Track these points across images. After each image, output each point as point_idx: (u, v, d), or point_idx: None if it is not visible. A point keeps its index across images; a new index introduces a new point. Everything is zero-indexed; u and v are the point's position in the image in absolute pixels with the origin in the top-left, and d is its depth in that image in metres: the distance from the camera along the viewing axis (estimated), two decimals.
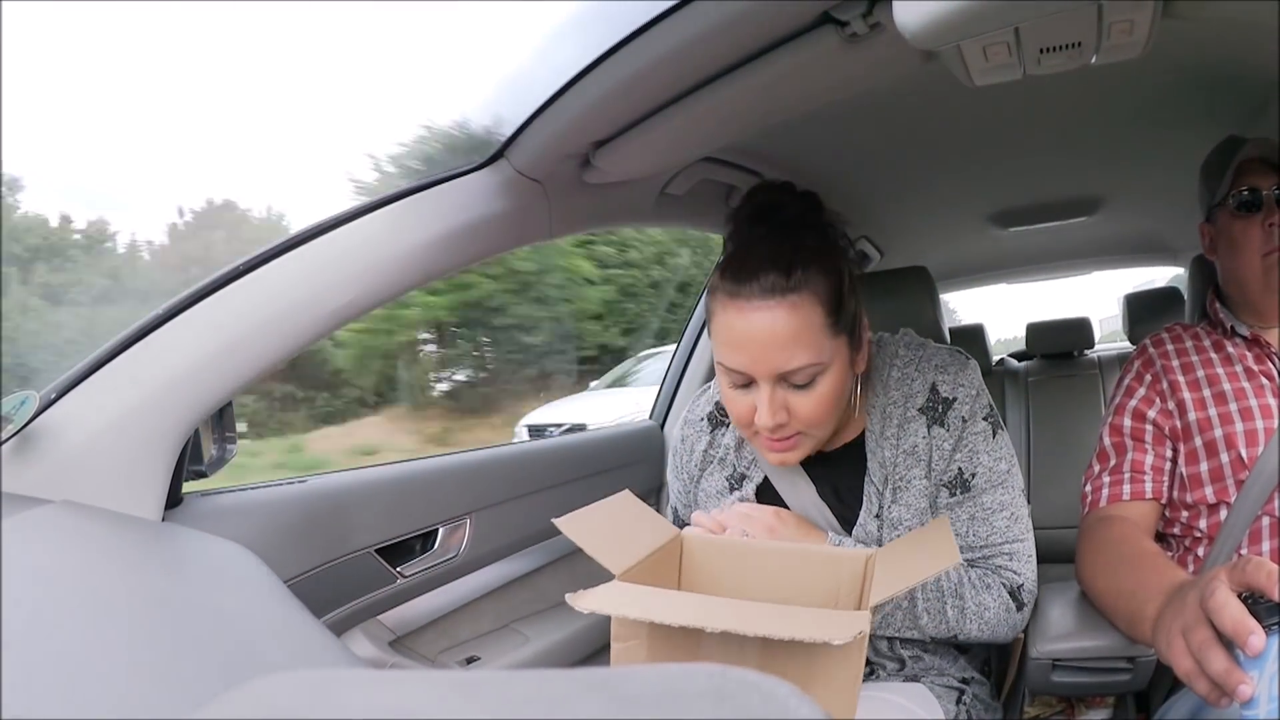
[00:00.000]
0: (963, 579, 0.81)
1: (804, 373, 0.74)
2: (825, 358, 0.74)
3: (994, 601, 0.81)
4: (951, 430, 0.82)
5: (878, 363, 0.87)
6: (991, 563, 0.82)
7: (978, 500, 0.82)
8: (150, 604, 0.45)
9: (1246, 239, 0.90)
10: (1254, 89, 1.00)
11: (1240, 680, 0.53)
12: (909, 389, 0.84)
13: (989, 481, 0.82)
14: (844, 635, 0.46)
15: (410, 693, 0.17)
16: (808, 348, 0.73)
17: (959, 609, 0.80)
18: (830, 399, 0.76)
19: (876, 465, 0.83)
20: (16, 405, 0.68)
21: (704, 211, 1.23)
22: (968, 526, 0.82)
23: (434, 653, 1.06)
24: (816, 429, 0.78)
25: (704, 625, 0.48)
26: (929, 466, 0.82)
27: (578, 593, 0.53)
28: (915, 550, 0.65)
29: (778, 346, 0.72)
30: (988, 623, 0.81)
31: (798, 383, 0.75)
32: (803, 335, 0.73)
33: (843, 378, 0.77)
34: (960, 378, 0.84)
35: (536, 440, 1.31)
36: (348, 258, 0.77)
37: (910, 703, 0.80)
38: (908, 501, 0.82)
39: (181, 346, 0.72)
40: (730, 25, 0.62)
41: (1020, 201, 1.56)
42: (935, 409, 0.82)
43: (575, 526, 0.67)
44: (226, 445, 0.84)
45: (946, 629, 0.81)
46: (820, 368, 0.74)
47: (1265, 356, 0.91)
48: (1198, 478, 0.89)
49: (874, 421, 0.84)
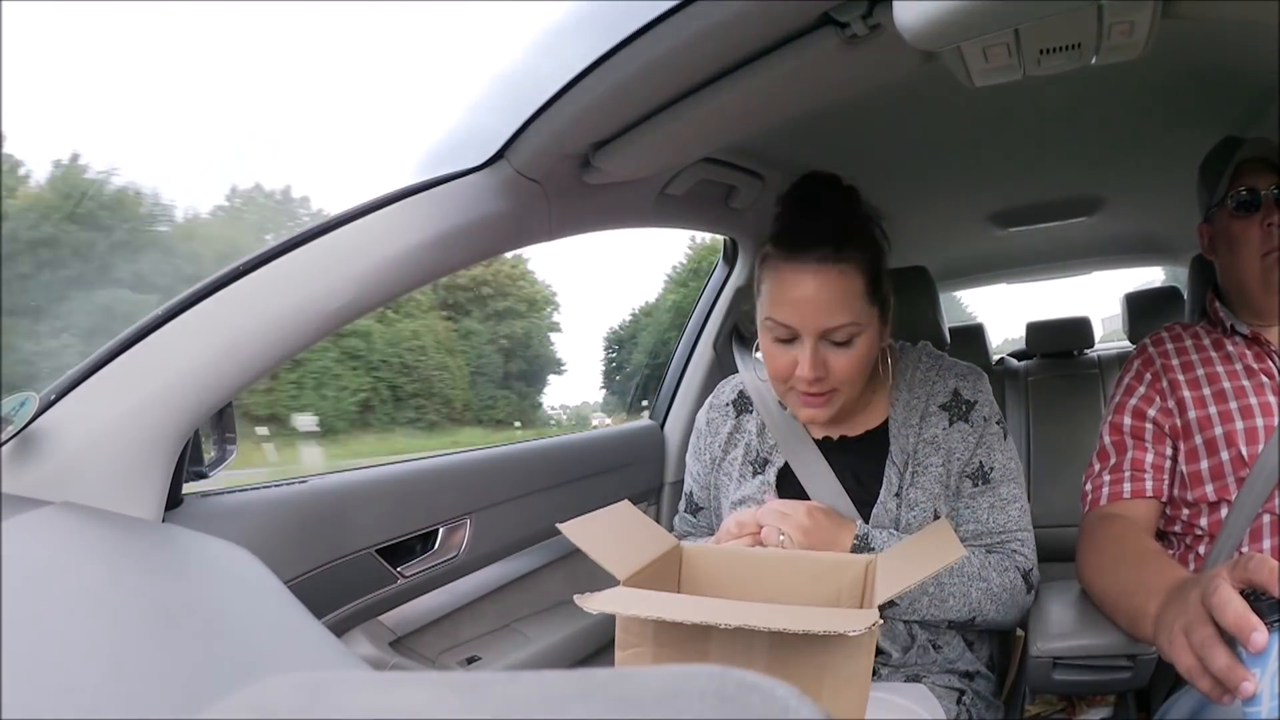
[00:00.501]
0: (985, 562, 0.87)
1: (844, 330, 0.84)
2: (862, 321, 0.85)
3: (1010, 583, 0.87)
4: (975, 427, 0.91)
5: (902, 364, 0.97)
6: (1007, 547, 0.90)
7: (996, 491, 0.91)
8: (150, 605, 0.45)
9: (1245, 239, 0.90)
10: (1254, 89, 1.00)
11: (1243, 677, 0.53)
12: (931, 388, 0.94)
13: (1004, 475, 0.91)
14: (858, 626, 0.47)
15: (411, 693, 0.17)
16: (849, 310, 0.83)
17: (983, 589, 0.86)
18: (862, 360, 0.86)
19: (898, 450, 0.92)
20: (16, 406, 0.68)
21: (704, 212, 1.23)
22: (988, 514, 0.90)
23: (435, 653, 1.06)
24: (848, 386, 0.87)
25: (716, 622, 0.48)
26: (946, 456, 0.91)
27: (586, 594, 0.53)
28: (918, 550, 0.65)
29: (825, 306, 0.83)
30: (1004, 604, 0.87)
31: (837, 340, 0.85)
32: (847, 299, 0.83)
33: (873, 344, 0.88)
34: (979, 385, 0.95)
35: (537, 440, 1.31)
36: (347, 258, 0.77)
37: (911, 703, 0.80)
38: (924, 485, 0.90)
39: (181, 347, 0.72)
40: (730, 26, 0.62)
41: (1020, 201, 1.56)
42: (959, 408, 0.93)
43: (580, 532, 0.67)
44: (226, 446, 0.84)
45: (968, 610, 0.85)
46: (858, 329, 0.85)
47: (1265, 355, 0.91)
48: (1198, 475, 0.89)
49: (897, 411, 0.94)
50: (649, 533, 0.75)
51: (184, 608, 0.47)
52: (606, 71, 0.68)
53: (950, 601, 0.85)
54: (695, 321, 1.55)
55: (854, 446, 0.95)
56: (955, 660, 0.91)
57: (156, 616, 0.44)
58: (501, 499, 1.12)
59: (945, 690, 0.88)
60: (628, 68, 0.67)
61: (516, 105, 0.78)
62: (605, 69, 0.68)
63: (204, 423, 0.79)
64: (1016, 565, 0.89)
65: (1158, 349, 0.98)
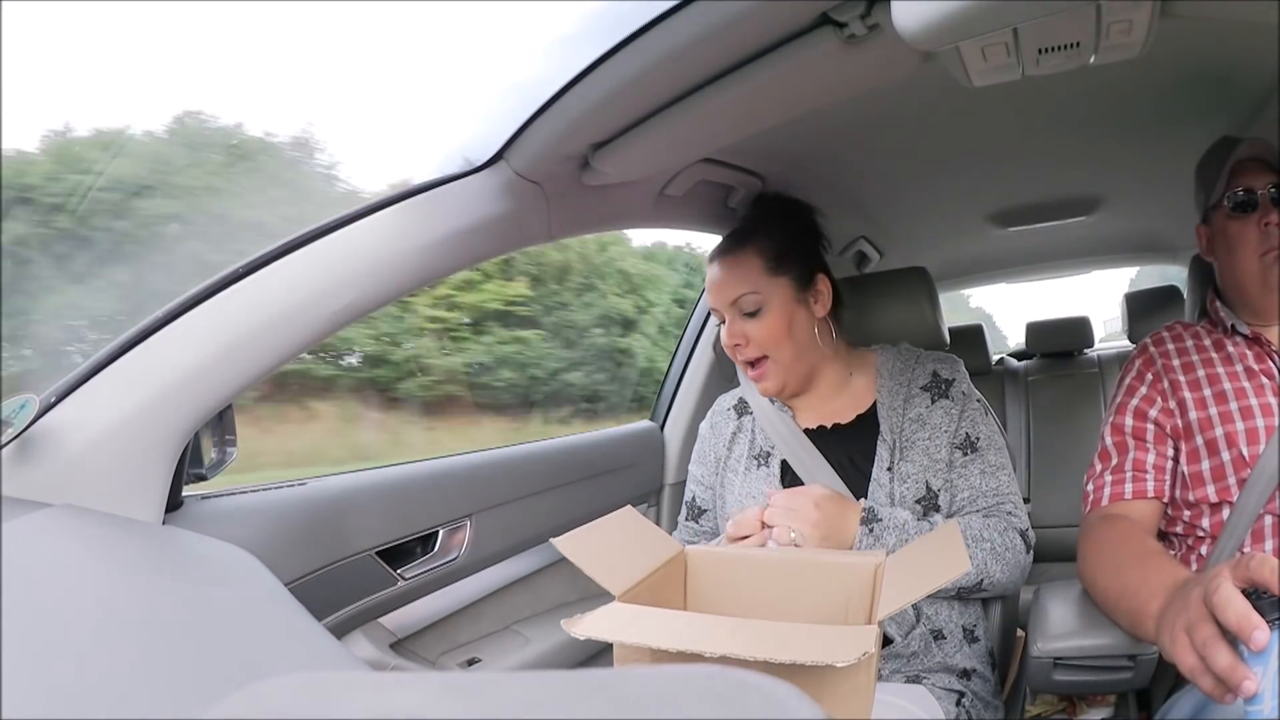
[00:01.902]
0: (985, 524, 0.93)
1: (748, 299, 0.98)
2: (763, 290, 0.98)
3: (1011, 543, 0.93)
4: (956, 402, 0.99)
5: (883, 358, 1.06)
6: (1002, 509, 0.96)
7: (985, 457, 0.97)
8: (151, 607, 0.45)
9: (1243, 240, 0.90)
10: (1253, 89, 1.00)
11: (1245, 676, 0.53)
12: (911, 374, 1.03)
13: (990, 444, 0.98)
14: (848, 657, 0.44)
15: (411, 694, 0.17)
16: (747, 282, 0.98)
17: (988, 550, 0.90)
18: (776, 328, 0.98)
19: (888, 429, 0.99)
20: (16, 409, 0.68)
21: (703, 212, 1.23)
22: (980, 479, 0.96)
23: (435, 655, 1.06)
24: (776, 353, 0.99)
25: (702, 650, 0.47)
26: (933, 431, 0.98)
27: (574, 618, 0.52)
28: (926, 557, 0.64)
29: (726, 281, 1.00)
30: (1008, 564, 0.92)
31: (746, 310, 0.99)
32: (744, 273, 0.99)
33: (787, 313, 0.99)
34: (955, 368, 1.04)
35: (537, 442, 1.31)
36: (347, 260, 0.77)
37: (911, 704, 0.80)
38: (914, 459, 0.96)
39: (182, 349, 0.72)
40: (729, 27, 0.62)
41: (1020, 201, 1.55)
42: (938, 387, 1.01)
43: (574, 546, 0.65)
44: (227, 448, 0.84)
45: (976, 573, 0.90)
46: (761, 298, 0.98)
47: (1265, 355, 0.91)
48: (1199, 476, 0.89)
49: (883, 396, 1.02)
50: (651, 540, 0.74)
51: (184, 609, 0.47)
52: (605, 73, 0.68)
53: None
54: (694, 324, 1.55)
55: (847, 432, 1.03)
56: (954, 654, 0.91)
57: (157, 618, 0.44)
58: (502, 501, 1.12)
59: (944, 692, 0.88)
60: (627, 69, 0.67)
61: (515, 107, 0.78)
62: (604, 70, 0.68)
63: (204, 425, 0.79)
64: (1013, 525, 0.94)
65: (1158, 349, 0.98)
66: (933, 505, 0.94)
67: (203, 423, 0.76)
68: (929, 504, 0.94)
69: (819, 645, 0.47)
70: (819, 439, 1.02)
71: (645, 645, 0.49)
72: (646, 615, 0.55)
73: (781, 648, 0.46)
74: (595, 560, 0.65)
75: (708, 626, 0.52)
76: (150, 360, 0.72)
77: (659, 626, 0.52)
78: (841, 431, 1.03)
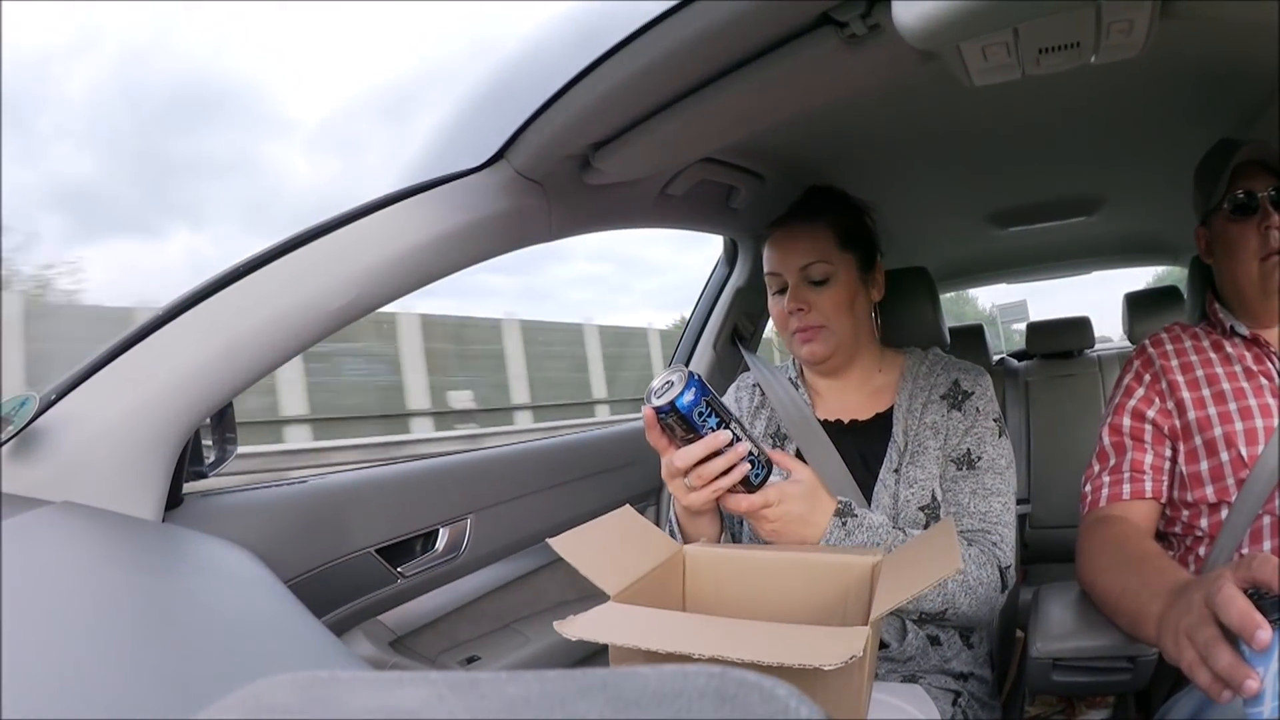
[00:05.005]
0: (964, 555, 0.88)
1: (817, 268, 0.98)
2: (834, 262, 0.98)
3: (988, 578, 0.87)
4: (967, 416, 0.97)
5: (910, 361, 1.05)
6: (988, 538, 0.91)
7: (980, 478, 0.94)
8: (150, 605, 0.45)
9: (1243, 243, 0.90)
10: (1254, 89, 1.00)
11: (1247, 675, 0.53)
12: (934, 380, 1.01)
13: (990, 467, 0.94)
14: (835, 659, 0.44)
15: (410, 693, 0.17)
16: (818, 251, 0.98)
17: (960, 581, 0.86)
18: (840, 300, 0.98)
19: (900, 431, 0.98)
20: (16, 406, 0.68)
21: (704, 212, 1.23)
22: (969, 499, 0.93)
23: (434, 653, 1.06)
24: (834, 323, 0.98)
25: (691, 651, 0.47)
26: (944, 441, 0.96)
27: (567, 619, 0.52)
28: (920, 555, 0.64)
29: (798, 249, 0.99)
30: (978, 598, 0.86)
31: (814, 278, 0.98)
32: (816, 244, 0.99)
33: (851, 289, 0.99)
34: (979, 380, 1.01)
35: (537, 440, 1.31)
36: (348, 259, 0.77)
37: (907, 704, 0.80)
38: (923, 464, 0.94)
39: (182, 347, 0.72)
40: (729, 26, 0.62)
41: (1020, 201, 1.55)
42: (955, 397, 0.99)
43: (570, 546, 0.65)
44: (227, 446, 0.84)
45: (942, 601, 0.85)
46: (831, 268, 0.98)
47: (1264, 356, 0.91)
48: (1198, 477, 0.89)
49: (902, 398, 1.01)
50: (648, 540, 0.74)
51: (184, 607, 0.47)
52: (606, 72, 0.68)
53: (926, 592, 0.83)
54: (695, 322, 1.55)
55: (862, 429, 1.02)
56: (951, 659, 0.91)
57: (156, 616, 0.44)
58: (502, 499, 1.12)
59: (941, 691, 0.88)
60: (627, 68, 0.67)
61: (516, 106, 0.78)
62: (605, 69, 0.68)
63: (204, 423, 0.79)
64: (995, 559, 0.89)
65: (1157, 350, 0.98)
66: (935, 516, 0.92)
67: (203, 421, 0.76)
68: (932, 513, 0.92)
69: (806, 647, 0.47)
70: (835, 433, 1.01)
71: (635, 646, 0.49)
72: (638, 616, 0.55)
73: (769, 649, 0.47)
74: (591, 560, 0.65)
75: (698, 627, 0.53)
76: (151, 358, 0.72)
77: (649, 627, 0.52)
78: (858, 428, 1.02)
